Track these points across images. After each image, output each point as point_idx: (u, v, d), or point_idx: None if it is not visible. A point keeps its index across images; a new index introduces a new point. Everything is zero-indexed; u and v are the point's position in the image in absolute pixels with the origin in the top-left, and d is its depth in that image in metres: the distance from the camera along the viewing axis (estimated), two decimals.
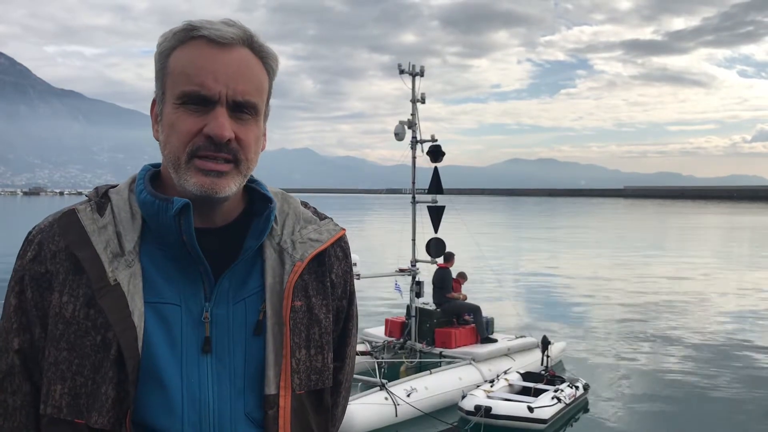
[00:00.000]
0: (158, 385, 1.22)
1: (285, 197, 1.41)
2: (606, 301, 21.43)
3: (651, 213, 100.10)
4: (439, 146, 12.81)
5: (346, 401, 1.51)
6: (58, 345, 1.20)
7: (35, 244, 1.25)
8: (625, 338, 16.02)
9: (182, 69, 1.22)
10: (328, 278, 1.37)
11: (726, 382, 12.44)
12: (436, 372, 11.11)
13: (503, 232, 57.23)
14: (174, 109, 1.22)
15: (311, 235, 1.37)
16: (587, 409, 10.92)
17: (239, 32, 1.24)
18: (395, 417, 9.77)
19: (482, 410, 9.57)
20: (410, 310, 12.55)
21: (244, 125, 1.24)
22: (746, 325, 17.78)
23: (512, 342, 12.73)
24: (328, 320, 1.36)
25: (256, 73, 1.26)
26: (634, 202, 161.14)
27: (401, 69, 12.67)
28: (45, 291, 1.23)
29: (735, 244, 46.10)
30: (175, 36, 1.24)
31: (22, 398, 1.25)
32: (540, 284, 25.42)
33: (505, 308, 17.44)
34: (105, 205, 1.29)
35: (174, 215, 1.22)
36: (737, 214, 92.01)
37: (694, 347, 15.14)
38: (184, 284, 1.26)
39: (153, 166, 1.35)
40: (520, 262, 32.67)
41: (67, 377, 1.20)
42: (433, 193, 12.77)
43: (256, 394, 1.27)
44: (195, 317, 1.26)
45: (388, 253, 14.71)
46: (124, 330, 1.19)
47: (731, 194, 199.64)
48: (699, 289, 23.96)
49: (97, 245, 1.23)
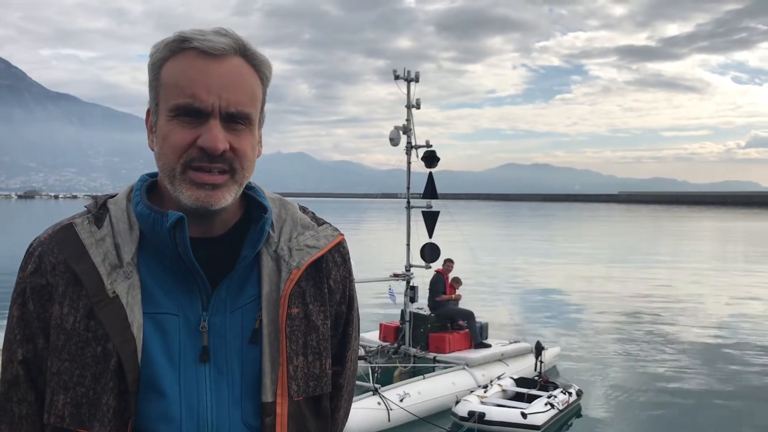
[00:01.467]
0: (157, 395, 1.23)
1: (283, 203, 1.41)
2: (600, 307, 21.45)
3: (646, 218, 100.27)
4: (433, 152, 12.84)
5: (348, 404, 1.51)
6: (60, 356, 1.22)
7: (35, 256, 1.27)
8: (619, 344, 16.05)
9: (175, 81, 1.22)
10: (325, 284, 1.37)
11: (719, 389, 12.47)
12: (429, 377, 11.12)
13: (498, 237, 57.27)
14: (167, 121, 1.22)
15: (308, 241, 1.36)
16: (580, 414, 10.94)
17: (231, 42, 1.23)
18: (388, 422, 9.79)
19: (476, 416, 9.58)
20: (404, 315, 12.56)
21: (239, 135, 1.24)
22: (739, 331, 17.81)
23: (506, 347, 12.75)
24: (326, 326, 1.36)
25: (249, 83, 1.25)
26: (629, 208, 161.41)
27: (396, 75, 12.71)
28: (46, 303, 1.24)
29: (729, 251, 46.20)
30: (166, 47, 1.24)
31: (27, 407, 1.27)
32: (534, 289, 25.45)
33: (500, 313, 17.46)
34: (103, 217, 1.29)
35: (168, 229, 1.22)
36: (732, 220, 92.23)
37: (688, 353, 15.17)
38: (182, 294, 1.27)
39: (150, 176, 1.36)
40: (515, 267, 32.68)
41: (69, 387, 1.21)
42: (428, 198, 12.80)
43: (254, 402, 1.28)
44: (193, 327, 1.26)
45: (382, 257, 14.70)
46: (124, 342, 1.20)
47: (726, 200, 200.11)
48: (693, 295, 24.00)
49: (95, 258, 1.24)
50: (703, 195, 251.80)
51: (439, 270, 13.04)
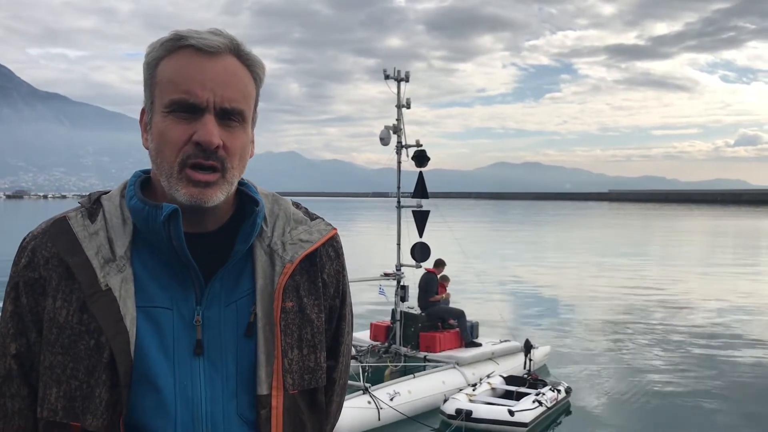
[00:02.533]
0: (151, 388, 1.24)
1: (276, 199, 1.43)
2: (590, 305, 21.54)
3: (636, 217, 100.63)
4: (423, 151, 12.87)
5: (341, 398, 1.52)
6: (53, 349, 1.22)
7: (28, 250, 1.28)
8: (610, 342, 16.13)
9: (170, 78, 1.24)
10: (319, 278, 1.38)
11: (708, 386, 12.54)
12: (419, 376, 11.14)
13: (488, 235, 57.36)
14: (163, 118, 1.24)
15: (302, 235, 1.38)
16: (569, 412, 11.00)
17: (226, 41, 1.25)
18: (378, 420, 9.80)
19: (463, 414, 9.61)
20: (395, 314, 12.59)
21: (232, 133, 1.26)
22: (729, 328, 17.92)
23: (496, 346, 12.80)
24: (320, 320, 1.37)
25: (242, 81, 1.28)
26: (620, 206, 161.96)
27: (386, 74, 12.72)
28: (39, 296, 1.25)
29: (719, 248, 46.45)
30: (162, 46, 1.26)
31: (20, 402, 1.27)
32: (525, 288, 25.51)
33: (490, 312, 17.51)
34: (97, 212, 1.31)
35: (163, 221, 1.23)
36: (721, 218, 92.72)
37: (677, 351, 15.26)
38: (176, 288, 1.28)
39: (144, 173, 1.37)
40: (506, 266, 32.74)
41: (62, 381, 1.22)
42: (418, 197, 12.83)
43: (249, 395, 1.29)
44: (187, 320, 1.27)
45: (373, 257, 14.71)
46: (116, 334, 1.21)
47: (715, 198, 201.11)
48: (683, 293, 24.13)
49: (88, 251, 1.25)
50: (693, 193, 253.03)
51: (430, 270, 13.07)
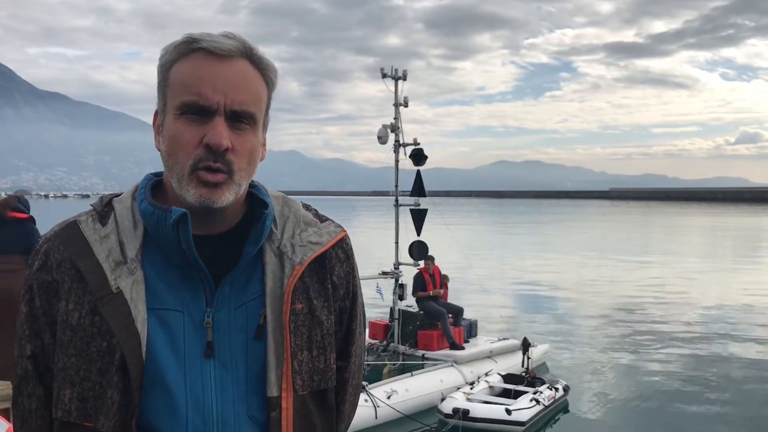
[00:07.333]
0: (162, 390, 1.25)
1: (285, 201, 1.43)
2: (590, 303, 21.56)
3: (637, 215, 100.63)
4: (421, 150, 12.88)
5: (354, 398, 1.53)
6: (67, 351, 1.25)
7: (42, 253, 1.30)
8: (609, 340, 16.15)
9: (182, 80, 1.25)
10: (329, 280, 1.39)
11: (707, 384, 12.55)
12: (417, 374, 11.15)
13: (488, 234, 57.36)
14: (174, 120, 1.25)
15: (311, 237, 1.38)
16: (567, 410, 11.01)
17: (238, 44, 1.26)
18: (375, 419, 9.81)
19: (460, 413, 9.61)
20: (393, 313, 12.60)
21: (242, 135, 1.27)
22: (729, 326, 17.93)
23: (495, 344, 12.80)
24: (330, 321, 1.38)
25: (254, 84, 1.29)
26: (621, 204, 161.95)
27: (384, 73, 12.72)
28: (52, 299, 1.27)
29: (719, 246, 46.44)
30: (175, 49, 1.27)
31: (36, 402, 1.30)
32: (525, 286, 25.53)
33: (489, 310, 17.51)
34: (108, 215, 1.32)
35: (172, 225, 1.24)
36: (722, 216, 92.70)
37: (677, 349, 15.27)
38: (186, 291, 1.29)
39: (155, 175, 1.38)
40: (505, 264, 32.76)
41: (76, 382, 1.24)
42: (416, 196, 12.84)
43: (259, 397, 1.30)
44: (197, 323, 1.28)
45: (371, 255, 14.72)
46: (127, 337, 1.23)
47: (716, 196, 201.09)
48: (683, 291, 24.15)
49: (99, 254, 1.27)
50: (694, 191, 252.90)
51: (421, 268, 12.99)
